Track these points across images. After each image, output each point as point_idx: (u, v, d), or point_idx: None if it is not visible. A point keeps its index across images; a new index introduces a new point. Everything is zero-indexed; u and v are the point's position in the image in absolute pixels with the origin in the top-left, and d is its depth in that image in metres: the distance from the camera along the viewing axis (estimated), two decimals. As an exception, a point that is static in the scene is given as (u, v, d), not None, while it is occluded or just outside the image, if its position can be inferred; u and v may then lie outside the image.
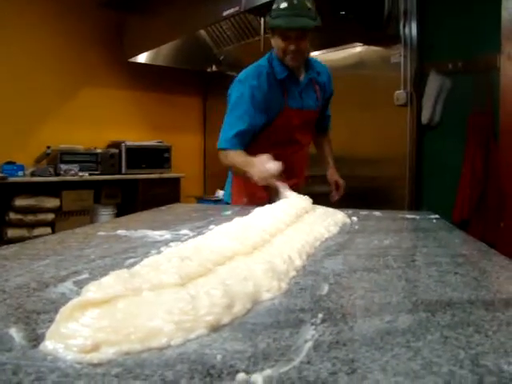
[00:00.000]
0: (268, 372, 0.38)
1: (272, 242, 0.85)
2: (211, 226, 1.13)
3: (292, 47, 1.71)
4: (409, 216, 1.43)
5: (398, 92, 3.04)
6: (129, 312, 0.44)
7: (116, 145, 4.22)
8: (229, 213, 1.44)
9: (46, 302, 0.54)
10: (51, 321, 0.45)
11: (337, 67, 3.43)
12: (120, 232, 1.01)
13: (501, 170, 2.40)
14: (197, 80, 4.86)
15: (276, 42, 1.75)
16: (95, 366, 0.39)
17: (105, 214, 4.18)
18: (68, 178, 3.84)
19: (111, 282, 0.48)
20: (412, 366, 0.40)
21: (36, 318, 0.48)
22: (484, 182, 2.59)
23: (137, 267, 0.56)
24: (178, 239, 0.96)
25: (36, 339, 0.43)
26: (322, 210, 1.37)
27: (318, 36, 3.44)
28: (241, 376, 0.37)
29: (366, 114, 3.26)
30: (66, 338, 0.41)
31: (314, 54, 3.65)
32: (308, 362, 0.40)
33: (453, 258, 0.82)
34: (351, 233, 1.12)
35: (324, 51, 3.56)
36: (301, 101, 1.83)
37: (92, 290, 0.46)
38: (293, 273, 0.70)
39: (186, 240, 0.95)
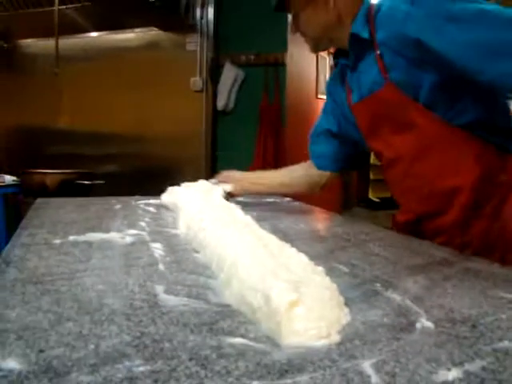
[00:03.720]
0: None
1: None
2: (142, 223, 1.16)
3: (293, 29, 1.22)
4: (270, 200, 1.71)
5: (193, 79, 3.27)
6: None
7: None
8: (119, 207, 1.44)
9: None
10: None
11: (128, 48, 3.43)
12: (73, 238, 0.96)
13: (287, 156, 2.92)
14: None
15: None
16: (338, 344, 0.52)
17: None
18: None
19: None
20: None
21: (225, 327, 0.55)
22: (274, 165, 3.09)
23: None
24: (143, 241, 0.98)
25: (265, 341, 0.52)
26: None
27: (105, 16, 3.36)
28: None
29: (161, 97, 3.39)
30: (303, 334, 0.52)
31: (96, 34, 3.51)
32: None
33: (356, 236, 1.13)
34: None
35: (111, 32, 3.49)
36: (358, 87, 1.17)
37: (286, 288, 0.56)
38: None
39: (150, 241, 0.99)
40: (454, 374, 0.45)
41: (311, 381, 0.43)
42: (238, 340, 0.52)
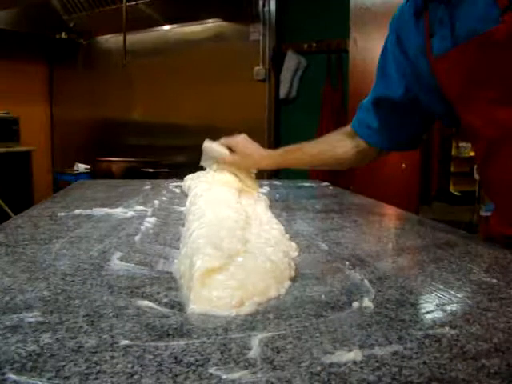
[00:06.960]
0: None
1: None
2: (156, 201, 1.18)
3: None
4: (306, 184, 1.66)
5: (257, 68, 3.28)
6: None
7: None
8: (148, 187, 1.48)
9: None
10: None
11: (194, 40, 3.52)
12: (79, 212, 1.01)
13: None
14: (42, 46, 4.37)
15: None
16: (247, 315, 0.48)
17: None
18: None
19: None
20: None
21: (146, 291, 0.54)
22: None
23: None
24: (143, 215, 1.00)
25: (174, 306, 0.50)
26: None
27: (174, 9, 3.48)
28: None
29: (225, 87, 3.43)
30: (212, 301, 0.49)
31: (163, 28, 3.63)
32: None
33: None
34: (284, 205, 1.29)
35: (179, 25, 3.60)
36: (451, 28, 0.79)
37: (212, 255, 0.54)
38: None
39: (149, 215, 1.00)
40: (351, 355, 0.40)
41: (184, 347, 0.41)
42: (147, 303, 0.50)
